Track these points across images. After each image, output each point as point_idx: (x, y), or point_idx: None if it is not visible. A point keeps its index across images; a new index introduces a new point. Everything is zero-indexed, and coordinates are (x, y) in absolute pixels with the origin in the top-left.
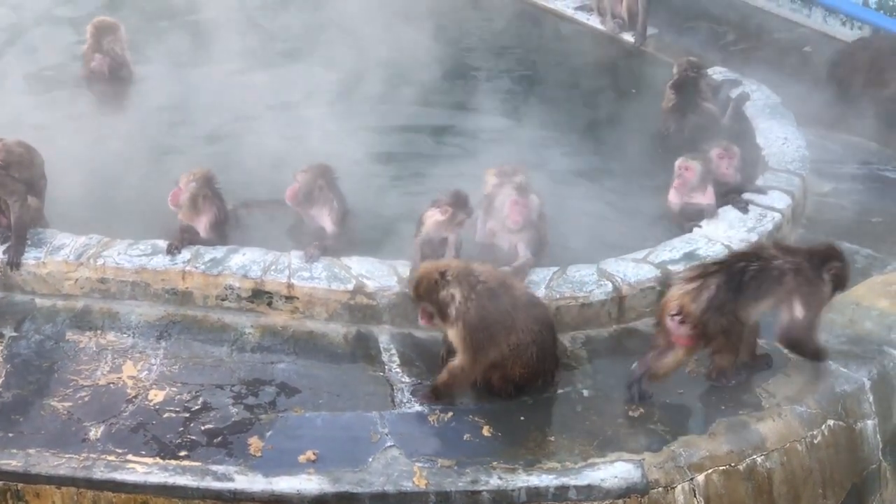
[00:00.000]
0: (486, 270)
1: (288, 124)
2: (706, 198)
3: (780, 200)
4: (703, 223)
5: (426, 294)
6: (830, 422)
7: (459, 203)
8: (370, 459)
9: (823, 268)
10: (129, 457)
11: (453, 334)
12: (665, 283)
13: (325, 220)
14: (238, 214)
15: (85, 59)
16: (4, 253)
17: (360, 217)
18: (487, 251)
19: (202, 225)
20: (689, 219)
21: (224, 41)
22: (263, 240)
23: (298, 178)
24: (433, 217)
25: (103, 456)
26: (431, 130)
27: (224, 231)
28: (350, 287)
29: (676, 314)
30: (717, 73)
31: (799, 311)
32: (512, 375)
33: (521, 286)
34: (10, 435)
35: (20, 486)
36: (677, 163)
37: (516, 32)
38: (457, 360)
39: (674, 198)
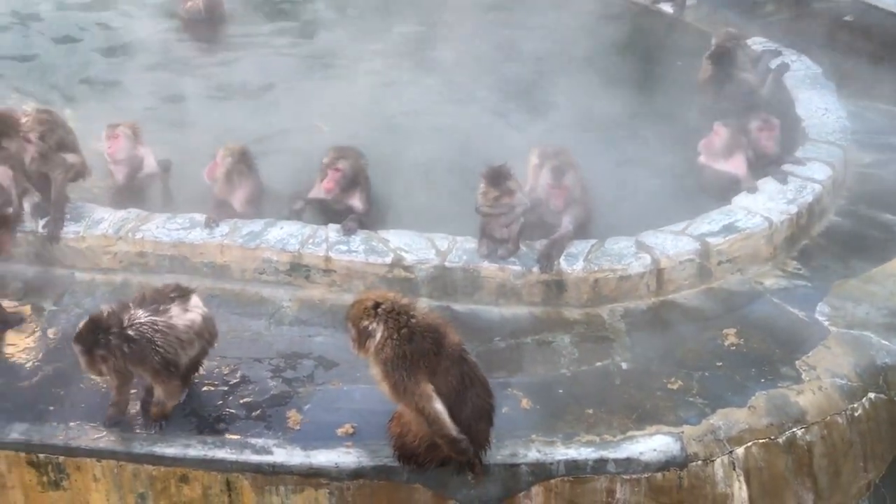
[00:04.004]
0: (421, 313)
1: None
2: (733, 166)
3: (820, 172)
4: (742, 195)
5: (353, 318)
6: (871, 394)
7: (493, 180)
8: None
9: None
10: (169, 430)
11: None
12: (704, 254)
13: (356, 200)
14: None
15: None
16: (44, 227)
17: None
18: (536, 225)
19: (237, 200)
20: (716, 186)
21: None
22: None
23: (340, 165)
24: (480, 190)
25: (143, 429)
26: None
27: (259, 206)
28: (388, 260)
29: None
30: (756, 43)
31: None
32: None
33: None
34: (51, 408)
35: (61, 458)
36: (714, 124)
37: (552, 3)
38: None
39: (701, 160)
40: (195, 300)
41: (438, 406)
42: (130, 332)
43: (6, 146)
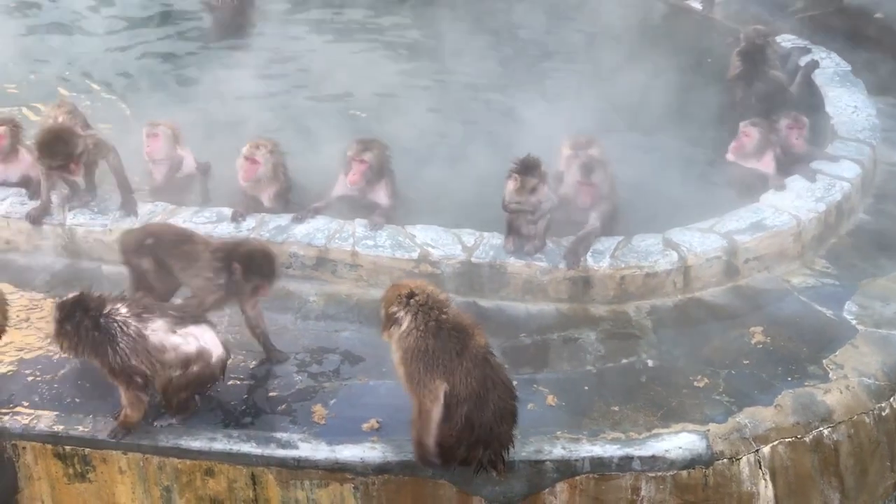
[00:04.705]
0: (453, 311)
1: None
2: (763, 165)
3: (849, 170)
4: (770, 193)
5: (386, 300)
6: None
7: (528, 169)
8: None
9: None
10: (194, 423)
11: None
12: (731, 252)
13: (381, 194)
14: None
15: None
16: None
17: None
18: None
19: (268, 194)
20: (743, 183)
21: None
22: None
23: (365, 157)
24: (508, 186)
25: (169, 422)
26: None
27: (288, 200)
28: (415, 255)
29: None
30: (785, 40)
31: None
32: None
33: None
34: (78, 401)
35: (87, 451)
36: (741, 125)
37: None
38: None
39: (730, 158)
40: (200, 330)
41: (436, 412)
42: (102, 321)
43: (80, 152)
